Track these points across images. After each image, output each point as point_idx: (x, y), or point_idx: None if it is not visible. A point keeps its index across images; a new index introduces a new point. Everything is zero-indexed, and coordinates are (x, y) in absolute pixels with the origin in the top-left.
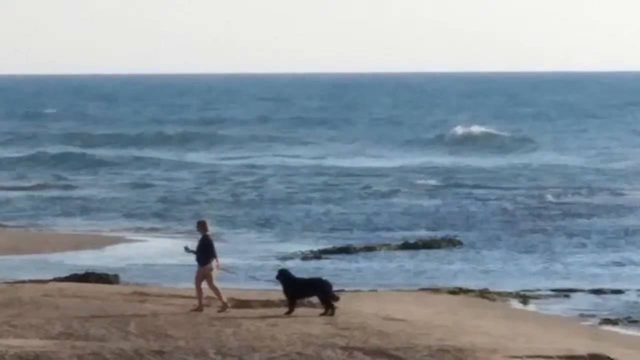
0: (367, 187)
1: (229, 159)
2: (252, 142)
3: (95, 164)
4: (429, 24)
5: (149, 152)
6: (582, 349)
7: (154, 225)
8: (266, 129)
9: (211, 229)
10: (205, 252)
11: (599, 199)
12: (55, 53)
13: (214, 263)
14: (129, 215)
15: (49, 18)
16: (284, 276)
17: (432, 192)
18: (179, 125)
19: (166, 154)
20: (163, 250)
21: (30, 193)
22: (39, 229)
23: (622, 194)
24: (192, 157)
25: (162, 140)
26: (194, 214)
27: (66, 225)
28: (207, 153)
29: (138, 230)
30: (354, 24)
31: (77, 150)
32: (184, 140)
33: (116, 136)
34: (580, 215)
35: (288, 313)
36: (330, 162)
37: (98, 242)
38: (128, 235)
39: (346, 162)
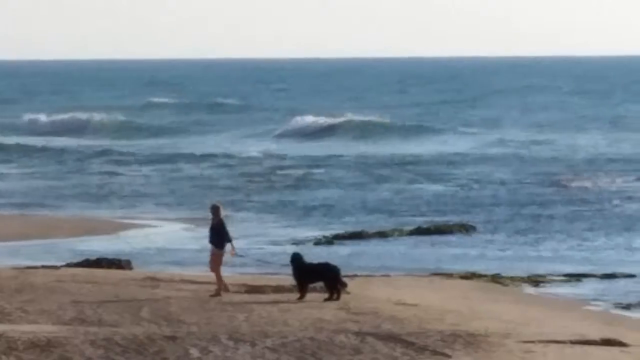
0: (367, 172)
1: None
2: (240, 128)
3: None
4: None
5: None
6: (595, 333)
7: (165, 211)
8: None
9: (224, 213)
10: (220, 235)
11: (606, 183)
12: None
13: (228, 247)
14: (140, 202)
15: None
16: (295, 260)
17: (436, 178)
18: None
19: (144, 143)
20: (175, 236)
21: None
22: (50, 214)
23: (628, 179)
24: (183, 144)
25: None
26: (205, 199)
27: (76, 211)
28: (198, 140)
29: (149, 215)
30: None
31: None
32: (163, 129)
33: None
34: (589, 200)
35: (299, 298)
36: (327, 149)
37: (110, 228)
38: (140, 220)
39: (337, 149)
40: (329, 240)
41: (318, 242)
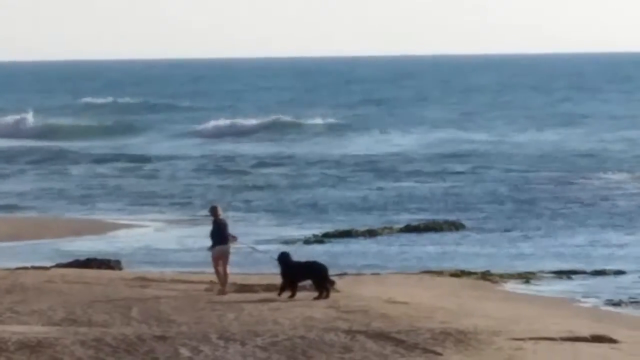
0: (360, 171)
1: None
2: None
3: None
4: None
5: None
6: (585, 330)
7: (155, 211)
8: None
9: (222, 213)
10: (219, 235)
11: (593, 180)
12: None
13: (223, 246)
14: (130, 202)
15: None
16: (283, 259)
17: (424, 175)
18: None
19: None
20: (165, 236)
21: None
22: (40, 215)
23: (613, 176)
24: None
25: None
26: (196, 199)
27: (66, 211)
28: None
29: (139, 216)
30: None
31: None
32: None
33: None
34: (577, 196)
35: (290, 297)
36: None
37: (100, 228)
38: (130, 221)
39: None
40: (319, 239)
41: (308, 241)
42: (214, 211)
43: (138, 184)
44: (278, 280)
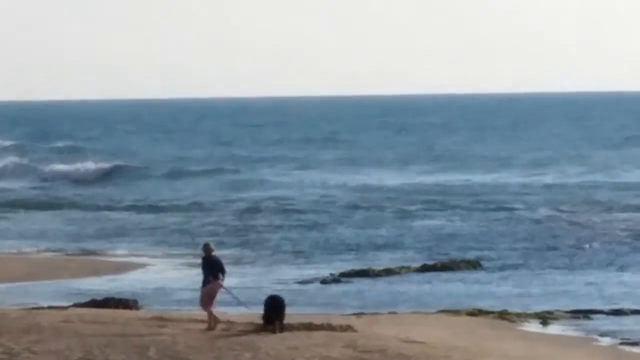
0: (378, 208)
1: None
2: (250, 164)
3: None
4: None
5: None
6: None
7: (172, 250)
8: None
9: (215, 251)
10: (209, 271)
11: (614, 217)
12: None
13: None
14: (147, 241)
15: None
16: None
17: (434, 213)
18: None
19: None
20: (182, 275)
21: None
22: (56, 254)
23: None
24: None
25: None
26: (212, 239)
27: (84, 249)
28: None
29: (157, 255)
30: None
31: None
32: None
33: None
34: (590, 236)
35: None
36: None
37: (117, 268)
38: (147, 260)
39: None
40: (336, 279)
41: (325, 281)
42: (206, 248)
43: (141, 223)
44: (294, 319)
